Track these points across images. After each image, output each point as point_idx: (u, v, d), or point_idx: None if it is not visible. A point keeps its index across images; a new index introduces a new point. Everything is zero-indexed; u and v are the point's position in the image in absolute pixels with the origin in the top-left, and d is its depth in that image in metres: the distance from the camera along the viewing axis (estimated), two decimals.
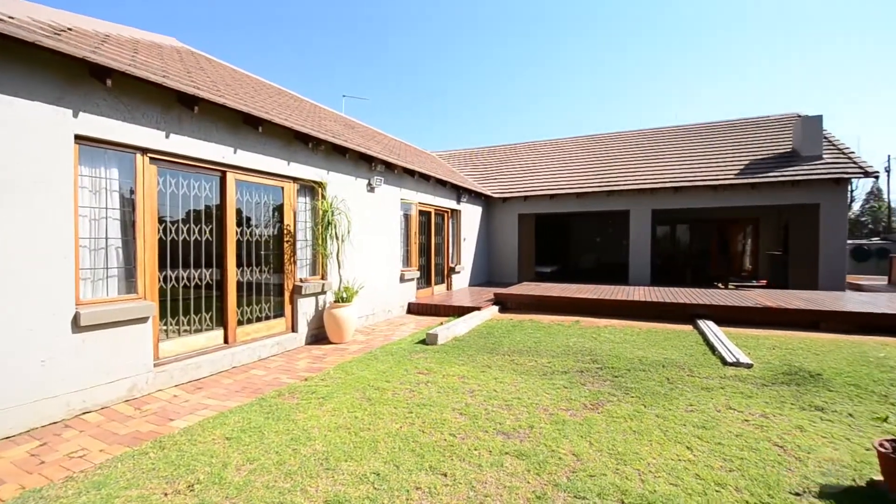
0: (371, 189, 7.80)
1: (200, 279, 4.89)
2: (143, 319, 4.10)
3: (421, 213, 9.91)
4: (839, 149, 11.45)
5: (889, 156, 29.18)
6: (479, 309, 8.23)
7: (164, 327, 4.53)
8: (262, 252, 5.69)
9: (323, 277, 6.62)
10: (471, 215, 12.66)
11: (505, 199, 13.76)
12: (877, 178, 10.86)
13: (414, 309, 9.00)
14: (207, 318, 4.98)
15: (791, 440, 3.03)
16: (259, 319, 5.62)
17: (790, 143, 12.28)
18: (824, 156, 11.26)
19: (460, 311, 8.34)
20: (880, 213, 32.43)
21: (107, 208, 4.01)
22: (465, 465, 2.72)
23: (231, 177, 5.18)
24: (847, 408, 3.60)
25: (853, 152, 11.12)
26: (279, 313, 5.93)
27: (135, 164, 4.19)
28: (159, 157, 4.39)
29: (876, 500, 2.30)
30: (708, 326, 6.60)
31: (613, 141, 15.80)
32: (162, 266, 4.45)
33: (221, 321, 5.12)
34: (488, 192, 13.37)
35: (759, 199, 11.35)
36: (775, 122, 13.85)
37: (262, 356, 5.41)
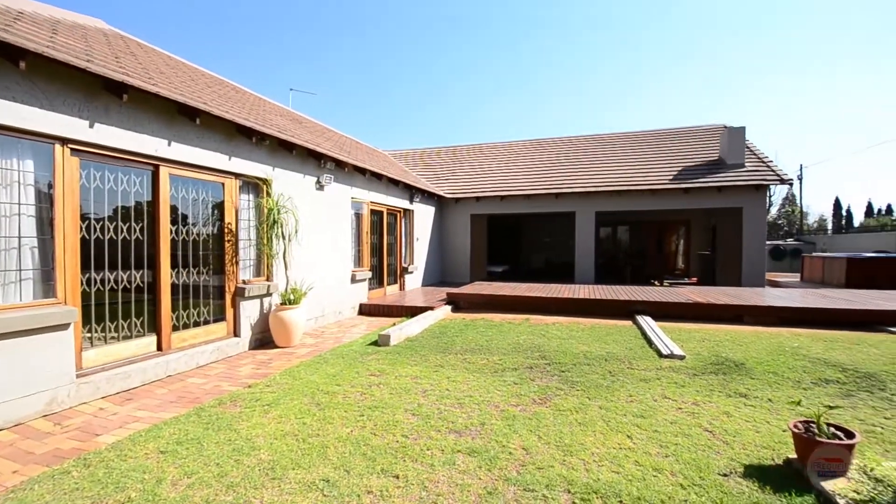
0: (320, 187, 7.57)
1: (130, 282, 4.51)
2: (64, 326, 3.72)
3: (373, 212, 9.76)
4: (759, 158, 12.60)
5: (801, 165, 32.61)
6: (432, 309, 8.24)
7: (89, 334, 4.13)
8: (201, 252, 5.35)
9: (268, 279, 6.34)
10: (424, 215, 12.65)
11: (458, 200, 13.89)
12: (791, 185, 12.06)
13: (366, 310, 8.85)
14: (138, 323, 4.61)
15: (719, 425, 3.29)
16: (197, 324, 5.28)
17: (718, 152, 13.36)
18: (746, 164, 12.35)
19: (413, 312, 8.31)
20: (794, 216, 36.05)
21: (20, 204, 3.60)
22: (418, 466, 2.70)
23: (165, 171, 4.83)
24: (767, 393, 3.96)
25: (772, 161, 12.29)
26: (220, 317, 5.61)
27: (53, 155, 3.79)
28: (82, 149, 4.00)
29: (791, 476, 2.55)
30: (646, 321, 7.01)
31: (561, 145, 16.42)
32: (85, 268, 4.06)
33: (154, 327, 4.76)
34: (441, 193, 13.44)
35: (691, 203, 12.25)
36: (705, 132, 15.01)
37: (200, 363, 5.09)
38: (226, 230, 5.67)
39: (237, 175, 5.84)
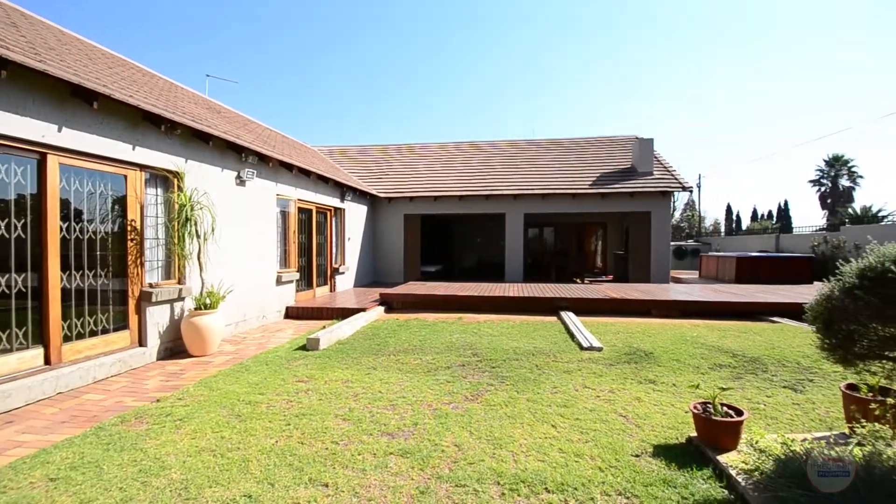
0: (241, 182, 7.09)
1: (9, 286, 3.89)
2: None
3: (301, 210, 9.34)
4: (665, 167, 13.95)
5: (700, 175, 36.77)
6: (364, 310, 8.08)
7: None
8: (99, 252, 4.76)
9: (180, 282, 5.80)
10: (356, 214, 12.36)
11: (391, 199, 13.76)
12: (691, 191, 13.50)
13: (293, 313, 8.45)
14: (20, 333, 3.98)
15: (632, 410, 3.58)
16: (94, 333, 4.69)
17: (630, 160, 14.58)
18: (655, 172, 13.62)
19: (345, 313, 8.08)
20: (694, 220, 40.41)
21: None
22: (349, 472, 2.63)
23: (54, 160, 4.23)
24: (671, 379, 4.39)
25: (676, 170, 13.66)
26: (122, 325, 5.03)
27: None
28: None
29: (693, 453, 2.84)
30: (569, 317, 7.45)
31: (492, 148, 16.93)
32: None
33: (41, 337, 4.14)
34: (374, 192, 13.23)
35: (607, 207, 13.26)
36: (619, 142, 16.32)
37: (99, 377, 4.52)
38: (129, 228, 5.10)
39: (143, 167, 5.27)
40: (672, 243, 18.50)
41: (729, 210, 45.08)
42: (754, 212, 43.15)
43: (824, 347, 2.34)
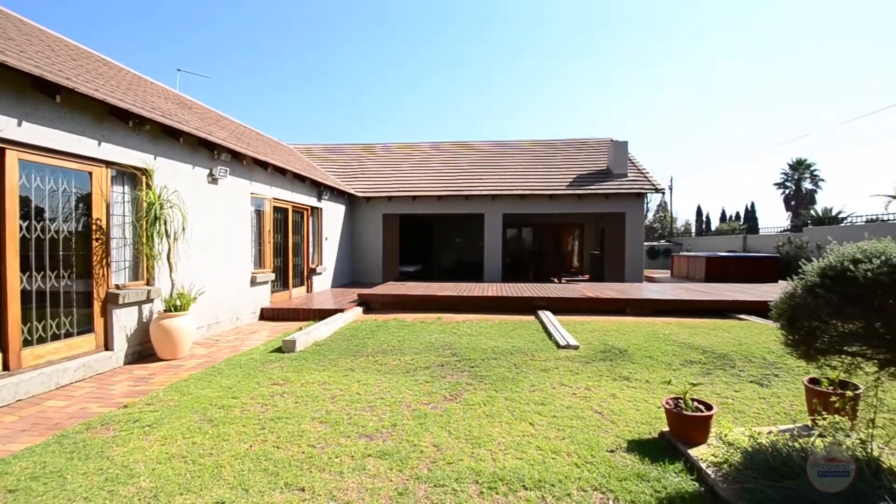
0: (213, 180, 6.90)
1: None
2: None
3: (276, 209, 9.16)
4: (639, 169, 14.29)
5: (671, 177, 37.88)
6: (342, 311, 7.98)
7: None
8: (61, 253, 4.54)
9: (149, 283, 5.61)
10: (333, 214, 12.21)
11: (369, 199, 13.65)
12: (664, 193, 13.88)
13: (268, 314, 8.27)
14: None
15: (607, 406, 3.65)
16: (57, 337, 4.48)
17: (605, 162, 14.88)
18: (629, 174, 13.94)
19: (322, 314, 7.96)
20: (666, 221, 41.55)
21: None
22: (326, 476, 2.59)
23: (12, 155, 4.02)
24: (645, 375, 4.50)
25: (649, 173, 14.01)
26: (87, 328, 4.82)
27: None
28: None
29: (665, 447, 2.92)
30: (546, 316, 7.55)
31: (471, 149, 16.99)
32: None
33: None
34: (352, 191, 13.08)
35: (584, 208, 13.50)
36: (595, 144, 16.63)
37: (62, 383, 4.32)
38: (94, 227, 4.89)
39: (109, 163, 5.07)
40: (645, 243, 18.98)
41: (699, 211, 46.58)
42: (723, 213, 44.74)
43: (788, 343, 2.44)
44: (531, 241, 20.07)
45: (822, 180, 38.94)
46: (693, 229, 45.06)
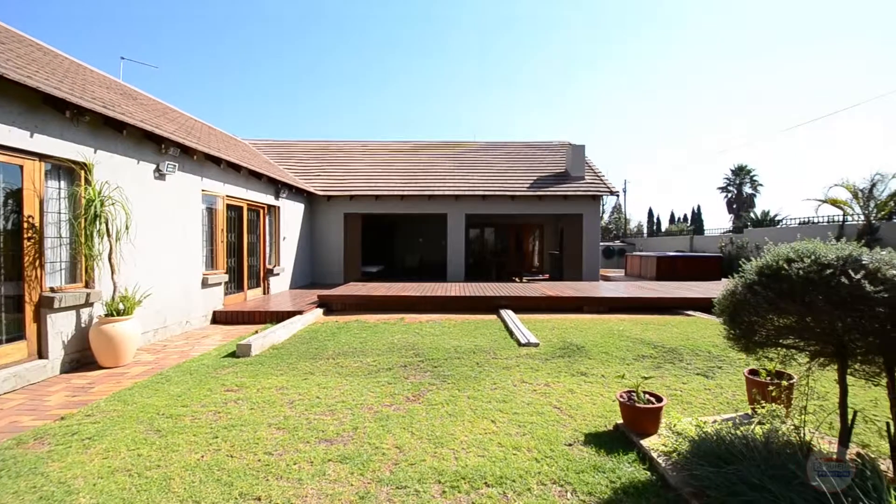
0: (160, 176, 6.52)
1: None
2: None
3: (230, 207, 8.78)
4: (595, 173, 14.82)
5: (626, 180, 39.58)
6: (301, 313, 7.76)
7: None
8: None
9: (88, 285, 5.22)
10: (292, 212, 11.84)
11: (330, 198, 13.35)
12: (618, 196, 14.45)
13: (221, 318, 7.91)
14: None
15: (565, 401, 3.75)
16: None
17: (564, 165, 15.32)
18: (586, 177, 14.42)
19: (279, 317, 7.71)
20: (620, 222, 43.35)
21: None
22: (283, 483, 2.50)
23: None
24: (601, 370, 4.66)
25: (605, 176, 14.55)
26: (17, 335, 4.42)
27: None
28: None
29: (620, 439, 3.03)
30: (508, 315, 7.67)
31: (434, 148, 16.99)
32: None
33: None
34: (311, 189, 12.74)
35: (544, 209, 13.83)
36: (554, 147, 17.08)
37: None
38: (25, 225, 4.49)
39: (43, 156, 4.67)
40: (601, 244, 19.71)
41: (651, 213, 48.97)
42: (672, 215, 47.26)
43: (730, 337, 2.60)
44: (493, 241, 20.35)
45: (761, 185, 41.91)
46: (645, 230, 47.30)
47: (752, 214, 32.91)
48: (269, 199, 10.37)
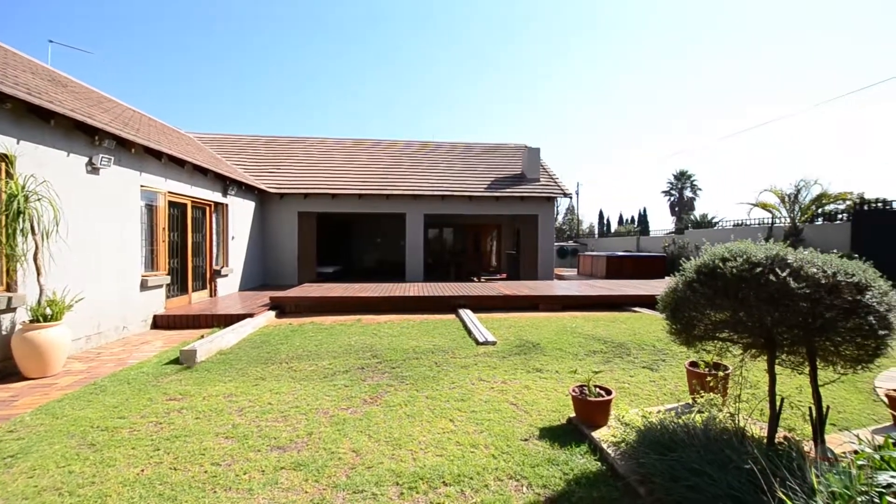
0: (94, 170, 6.03)
1: None
2: None
3: (173, 205, 8.27)
4: (550, 175, 15.27)
5: (578, 183, 41.10)
6: (251, 315, 7.43)
7: None
8: None
9: (9, 289, 4.74)
10: (241, 211, 11.33)
11: (283, 195, 12.89)
12: (571, 198, 14.96)
13: (163, 322, 7.43)
14: None
15: (521, 398, 3.84)
16: None
17: (520, 167, 15.66)
18: (541, 179, 14.82)
19: (228, 320, 7.35)
20: (573, 223, 44.94)
21: None
22: (232, 495, 2.39)
23: None
24: (555, 366, 4.81)
25: (559, 178, 15.02)
26: None
27: None
28: None
29: (572, 432, 3.14)
30: (466, 314, 7.74)
31: (392, 147, 16.83)
32: None
33: None
34: (263, 186, 12.24)
35: (501, 210, 14.08)
36: (511, 149, 17.43)
37: None
38: None
39: None
40: (556, 244, 20.34)
41: (601, 215, 51.18)
42: (621, 217, 49.60)
43: (672, 332, 2.76)
44: (452, 241, 20.46)
45: (700, 189, 44.89)
46: (596, 231, 49.35)
47: (692, 216, 35.19)
48: (216, 196, 9.86)
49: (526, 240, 14.57)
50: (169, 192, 8.00)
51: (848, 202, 13.13)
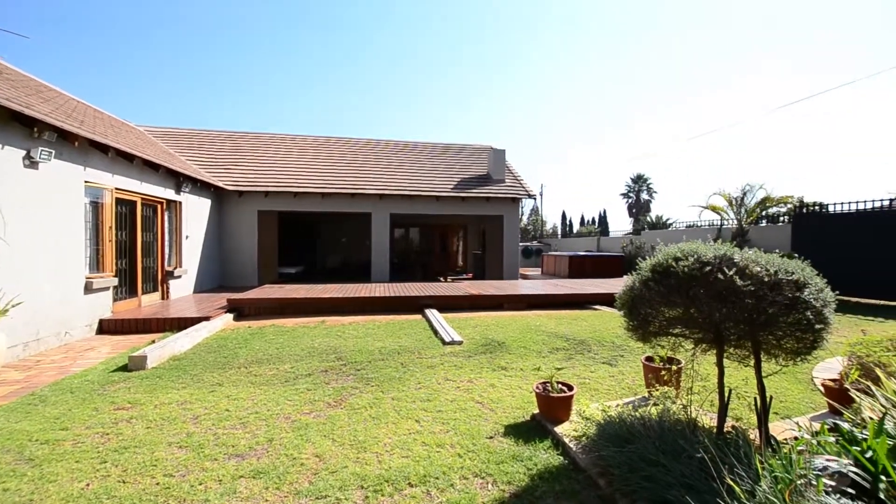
0: (32, 164, 5.59)
1: None
2: None
3: (121, 202, 7.79)
4: (515, 176, 15.51)
5: (542, 184, 42.06)
6: (208, 319, 7.11)
7: None
8: None
9: None
10: (196, 209, 10.82)
11: (242, 193, 12.42)
12: (535, 199, 15.28)
13: (110, 327, 6.98)
14: None
15: (487, 396, 3.88)
16: None
17: (486, 168, 15.83)
18: (506, 181, 15.04)
19: (182, 324, 6.99)
20: (538, 224, 45.87)
21: None
22: None
23: None
24: (519, 364, 4.89)
25: (524, 180, 15.29)
26: None
27: None
28: None
29: (536, 428, 3.20)
30: (433, 314, 7.74)
31: (357, 146, 16.57)
32: None
33: None
34: (220, 184, 11.75)
35: (467, 210, 14.18)
36: (477, 150, 17.58)
37: None
38: None
39: None
40: (521, 244, 20.70)
41: (564, 216, 52.59)
42: (582, 218, 51.16)
43: (629, 328, 2.87)
44: (419, 241, 20.41)
45: (656, 192, 47.09)
46: (559, 232, 50.63)
47: (648, 218, 36.76)
48: (168, 193, 9.37)
49: (492, 240, 14.75)
50: (116, 189, 7.53)
51: (789, 205, 14.11)
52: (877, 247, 9.64)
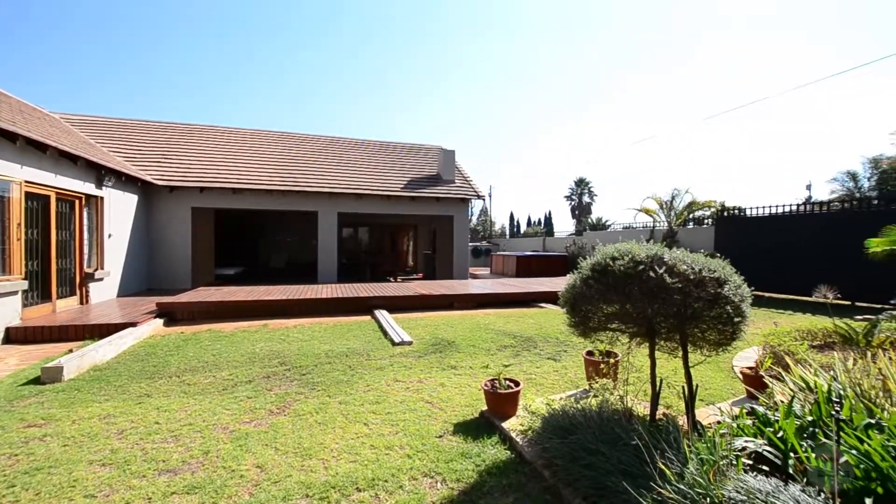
0: None
1: None
2: None
3: (31, 196, 6.99)
4: (465, 177, 15.69)
5: (490, 186, 43.05)
6: (134, 325, 6.56)
7: None
8: None
9: None
10: (120, 205, 9.94)
11: (173, 189, 11.55)
12: (484, 200, 15.55)
13: (19, 336, 6.24)
14: None
15: (436, 395, 3.89)
16: None
17: (436, 168, 15.89)
18: (456, 181, 15.18)
19: (104, 331, 6.40)
20: (487, 224, 46.72)
21: None
22: None
23: None
24: (469, 362, 4.95)
25: (473, 181, 15.50)
26: None
27: None
28: None
29: (485, 425, 3.25)
30: (382, 315, 7.65)
31: (303, 141, 15.98)
32: None
33: None
34: (148, 178, 10.86)
35: (417, 210, 14.16)
36: (426, 150, 17.59)
37: None
38: None
39: None
40: (470, 244, 20.97)
41: (512, 217, 54.03)
42: (529, 219, 52.84)
43: (571, 325, 3.01)
44: (368, 240, 20.07)
45: (596, 195, 49.61)
46: (507, 232, 51.92)
47: (589, 220, 38.68)
48: (88, 187, 8.54)
49: (442, 240, 14.82)
50: (26, 182, 6.74)
51: (713, 209, 15.41)
52: (786, 247, 10.79)
